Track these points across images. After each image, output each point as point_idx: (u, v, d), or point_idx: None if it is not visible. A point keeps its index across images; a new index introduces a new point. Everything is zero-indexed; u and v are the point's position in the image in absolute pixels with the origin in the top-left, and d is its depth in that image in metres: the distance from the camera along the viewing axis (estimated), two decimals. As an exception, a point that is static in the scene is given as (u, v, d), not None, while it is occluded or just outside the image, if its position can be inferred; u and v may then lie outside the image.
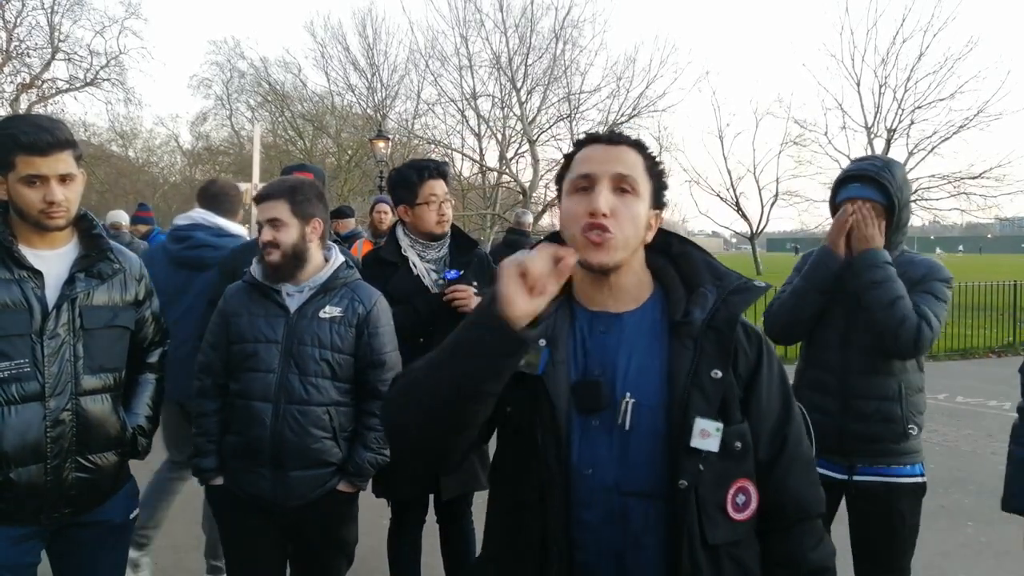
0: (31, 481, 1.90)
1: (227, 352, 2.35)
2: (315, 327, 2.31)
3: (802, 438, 1.38)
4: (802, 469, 1.37)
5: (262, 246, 2.33)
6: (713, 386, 1.27)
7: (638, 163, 1.33)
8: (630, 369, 1.30)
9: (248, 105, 32.64)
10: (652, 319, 1.34)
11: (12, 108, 23.34)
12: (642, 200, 1.31)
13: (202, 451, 2.36)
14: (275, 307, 2.33)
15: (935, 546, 4.03)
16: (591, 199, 1.28)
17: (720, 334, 1.30)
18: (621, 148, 1.33)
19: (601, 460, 1.27)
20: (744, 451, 1.30)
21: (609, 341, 1.32)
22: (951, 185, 24.51)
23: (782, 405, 1.36)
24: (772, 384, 1.36)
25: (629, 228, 1.29)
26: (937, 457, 5.59)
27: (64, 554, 2.08)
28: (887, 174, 2.35)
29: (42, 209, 1.90)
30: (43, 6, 24.55)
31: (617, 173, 1.29)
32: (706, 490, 1.26)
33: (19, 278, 1.92)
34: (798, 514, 1.36)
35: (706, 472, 1.25)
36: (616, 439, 1.27)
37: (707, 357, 1.29)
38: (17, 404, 1.88)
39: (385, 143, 19.60)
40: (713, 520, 1.26)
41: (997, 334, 11.29)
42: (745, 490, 1.31)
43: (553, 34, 27.84)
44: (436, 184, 2.84)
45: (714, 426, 1.25)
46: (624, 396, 1.28)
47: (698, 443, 1.24)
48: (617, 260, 1.29)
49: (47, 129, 1.88)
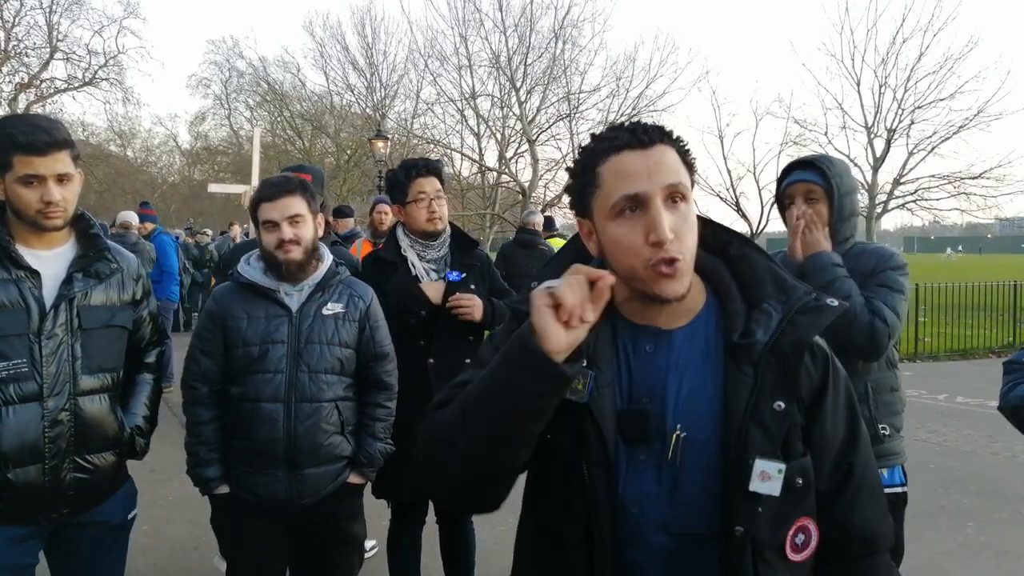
0: (29, 481, 1.90)
1: (224, 356, 2.32)
2: (321, 325, 2.31)
3: (869, 464, 1.23)
4: (868, 499, 1.22)
5: (280, 244, 2.26)
6: (775, 421, 1.13)
7: (676, 159, 1.14)
8: (681, 396, 1.15)
9: (247, 105, 32.64)
10: (706, 336, 1.18)
11: (10, 108, 23.33)
12: (691, 203, 1.14)
13: (204, 460, 2.32)
14: (276, 307, 2.31)
15: (935, 546, 4.03)
16: (651, 225, 1.09)
17: (785, 360, 1.14)
18: (659, 149, 1.12)
19: (649, 497, 1.15)
20: (806, 488, 1.16)
21: (657, 362, 1.17)
22: (951, 185, 24.48)
23: (848, 429, 1.22)
24: (838, 408, 1.21)
25: (692, 245, 1.13)
26: (937, 457, 5.59)
27: (62, 554, 2.08)
28: (825, 160, 2.34)
29: (39, 209, 1.89)
30: (41, 5, 24.57)
31: (668, 185, 1.10)
32: (764, 533, 1.13)
33: (16, 278, 1.91)
34: (864, 549, 1.22)
35: (764, 513, 1.12)
36: (665, 475, 1.14)
37: (768, 386, 1.13)
38: (15, 404, 1.88)
39: (384, 143, 19.59)
40: (770, 564, 1.14)
41: (997, 334, 11.29)
42: (806, 529, 1.18)
43: (553, 34, 27.82)
44: (425, 181, 2.83)
45: (776, 467, 1.11)
46: (675, 428, 1.14)
47: (757, 487, 1.11)
48: (688, 284, 1.14)
49: (44, 129, 1.87)
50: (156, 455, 2.27)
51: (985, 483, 5.00)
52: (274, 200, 2.28)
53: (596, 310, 1.03)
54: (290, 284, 2.33)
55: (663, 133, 1.16)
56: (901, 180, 24.82)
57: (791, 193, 2.36)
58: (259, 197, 2.33)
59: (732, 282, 1.22)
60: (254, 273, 2.35)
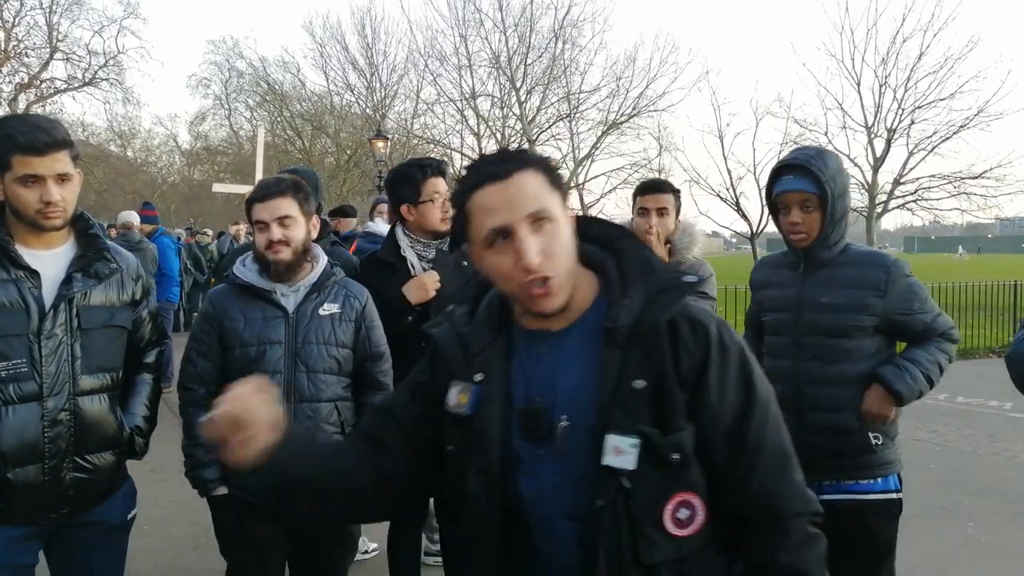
0: (29, 481, 1.90)
1: (221, 358, 2.32)
2: (318, 325, 2.32)
3: (766, 430, 1.23)
4: (770, 467, 1.22)
5: (269, 244, 2.27)
6: (633, 399, 1.17)
7: (539, 183, 1.20)
8: (568, 389, 1.22)
9: (247, 105, 32.63)
10: (592, 329, 1.24)
11: (10, 108, 23.34)
12: (560, 221, 1.20)
13: (201, 462, 2.32)
14: (272, 308, 2.31)
15: (935, 546, 4.03)
16: (519, 253, 1.16)
17: (645, 340, 1.19)
18: (516, 179, 1.18)
19: (550, 489, 1.22)
20: (683, 463, 1.19)
21: (548, 362, 1.25)
22: (951, 185, 24.48)
23: (741, 401, 1.22)
24: (725, 380, 1.22)
25: (564, 260, 1.20)
26: (937, 457, 5.59)
27: (62, 554, 2.08)
28: (819, 162, 2.24)
29: (39, 209, 1.89)
30: (41, 6, 24.58)
31: (529, 214, 1.17)
32: (638, 507, 1.17)
33: (16, 278, 1.91)
34: (768, 516, 1.23)
35: (637, 489, 1.16)
36: (557, 466, 1.21)
37: (631, 367, 1.19)
38: (15, 404, 1.88)
39: (384, 143, 19.61)
40: (650, 539, 1.17)
41: (997, 334, 11.28)
42: (688, 504, 1.19)
43: (553, 33, 27.84)
44: (438, 181, 2.84)
45: (628, 442, 1.16)
46: (560, 420, 1.21)
47: (611, 460, 1.16)
48: (566, 296, 1.22)
49: (44, 129, 1.87)
50: (156, 455, 2.27)
51: (985, 483, 4.99)
52: (265, 201, 2.30)
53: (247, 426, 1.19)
54: (285, 285, 2.33)
55: (522, 160, 1.21)
56: (901, 180, 24.81)
57: (785, 201, 2.30)
58: (251, 198, 2.36)
59: (616, 274, 1.28)
60: (249, 274, 2.35)
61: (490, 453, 1.23)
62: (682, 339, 1.21)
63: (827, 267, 2.31)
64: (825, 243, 2.28)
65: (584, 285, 1.27)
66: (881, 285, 2.24)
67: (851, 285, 2.26)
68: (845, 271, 2.29)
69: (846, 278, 2.28)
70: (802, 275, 2.35)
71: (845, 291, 2.26)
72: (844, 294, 2.26)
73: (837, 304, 2.26)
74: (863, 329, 2.26)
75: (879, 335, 2.30)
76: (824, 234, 2.26)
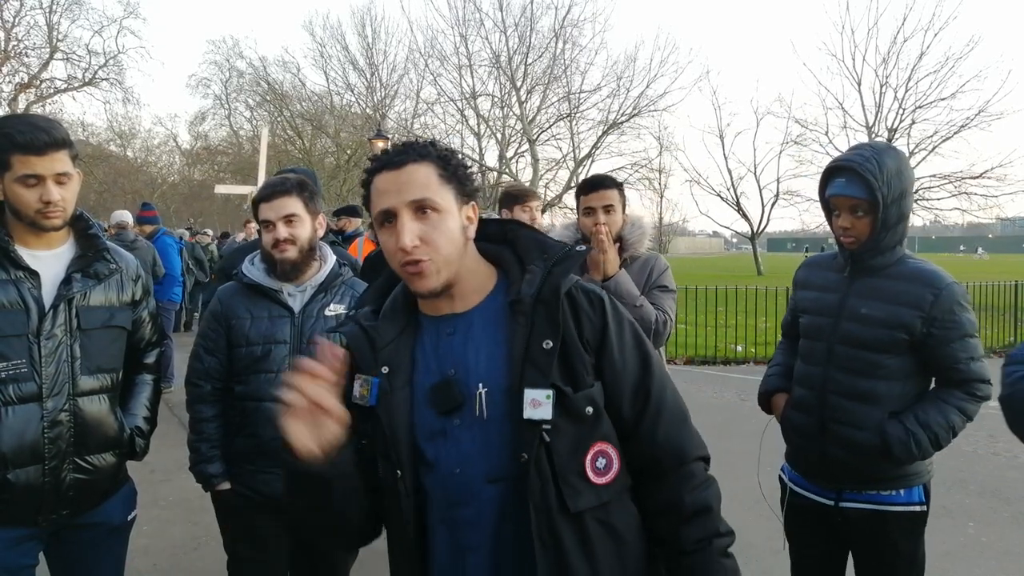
0: (29, 482, 1.90)
1: (228, 355, 2.34)
2: (323, 326, 2.33)
3: (665, 388, 1.38)
4: (670, 418, 1.37)
5: (275, 243, 2.29)
6: (544, 356, 1.28)
7: (430, 176, 1.30)
8: (480, 361, 1.31)
9: (247, 105, 32.68)
10: (496, 308, 1.35)
11: (10, 108, 23.34)
12: (448, 212, 1.30)
13: (206, 457, 2.34)
14: (278, 307, 2.33)
15: (935, 546, 4.01)
16: (398, 235, 1.27)
17: (548, 305, 1.31)
18: (407, 169, 1.30)
19: (467, 456, 1.29)
20: (597, 415, 1.31)
21: (457, 340, 1.34)
22: (952, 185, 24.53)
23: (639, 362, 1.37)
24: (624, 343, 1.36)
25: (444, 247, 1.29)
26: (938, 457, 5.58)
27: (62, 556, 2.08)
28: (872, 166, 2.08)
29: (38, 209, 1.89)
30: (41, 5, 24.61)
31: (411, 200, 1.28)
32: (561, 459, 1.27)
33: (16, 278, 1.91)
34: (674, 461, 1.36)
35: (557, 441, 1.26)
36: (478, 432, 1.29)
37: (538, 331, 1.29)
38: (15, 405, 1.87)
39: (384, 142, 19.58)
40: (573, 488, 1.27)
41: (997, 334, 11.27)
42: (604, 453, 1.32)
43: (553, 33, 27.87)
44: None
45: (544, 394, 1.26)
46: (477, 387, 1.30)
47: (530, 413, 1.25)
48: (444, 281, 1.30)
49: (43, 128, 1.87)
50: (156, 455, 2.27)
51: (986, 483, 4.99)
52: (270, 200, 2.32)
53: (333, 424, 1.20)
54: (292, 284, 2.34)
55: (419, 153, 1.32)
56: (901, 180, 24.74)
57: (837, 204, 2.18)
58: (258, 198, 2.38)
59: (513, 259, 1.41)
60: (257, 273, 2.37)
61: (397, 439, 1.31)
62: (581, 307, 1.35)
63: (875, 276, 2.18)
64: (875, 248, 2.15)
65: (484, 273, 1.39)
66: (925, 305, 2.09)
67: (894, 300, 2.13)
68: (893, 284, 2.15)
69: (892, 292, 2.14)
70: (847, 280, 2.23)
71: (887, 305, 2.13)
72: (885, 308, 2.13)
73: (876, 317, 2.14)
74: (899, 346, 2.13)
75: (914, 357, 2.16)
76: (874, 239, 2.13)
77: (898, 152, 2.21)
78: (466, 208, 1.34)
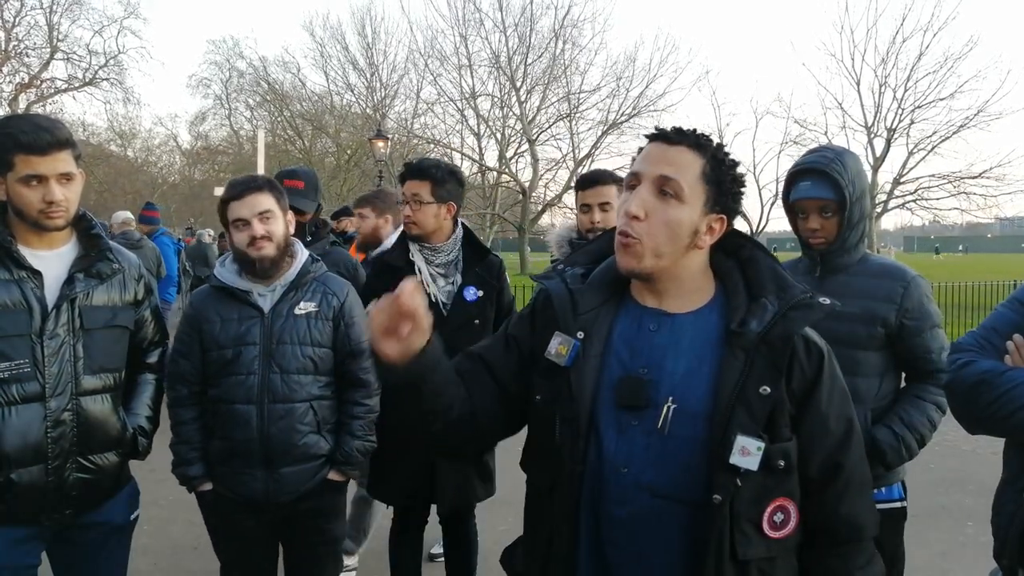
0: (32, 482, 1.90)
1: (201, 359, 2.32)
2: (292, 325, 2.30)
3: (860, 463, 1.34)
4: (857, 494, 1.32)
5: (252, 241, 2.25)
6: (760, 402, 1.23)
7: (693, 165, 1.27)
8: (677, 372, 1.28)
9: (247, 105, 32.69)
10: (708, 324, 1.31)
11: (11, 108, 23.34)
12: (687, 205, 1.26)
13: (186, 459, 2.34)
14: (248, 309, 2.30)
15: (935, 546, 4.03)
16: (629, 199, 1.27)
17: (774, 349, 1.25)
18: (679, 148, 1.28)
19: (637, 459, 1.26)
20: (787, 470, 1.27)
21: (658, 340, 1.30)
22: (951, 185, 24.51)
23: (842, 429, 1.31)
24: (831, 405, 1.30)
25: (662, 234, 1.26)
26: (937, 457, 5.59)
27: (65, 555, 2.08)
28: (838, 165, 2.15)
29: (41, 209, 1.89)
30: (42, 5, 24.63)
31: (661, 175, 1.26)
32: (742, 505, 1.24)
33: (18, 278, 1.91)
34: (851, 534, 1.33)
35: (744, 488, 1.23)
36: (655, 441, 1.26)
37: (757, 372, 1.24)
38: (18, 404, 1.88)
39: (384, 143, 19.63)
40: (746, 536, 1.24)
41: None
42: (784, 509, 1.27)
43: (553, 33, 27.90)
44: (409, 184, 2.79)
45: (755, 444, 1.22)
46: (667, 399, 1.26)
47: (737, 460, 1.21)
48: (646, 267, 1.28)
49: (46, 129, 1.87)
50: (157, 455, 2.27)
51: (985, 483, 4.99)
52: (242, 198, 2.27)
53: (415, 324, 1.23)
54: (263, 285, 2.32)
55: (698, 142, 1.29)
56: (901, 180, 24.82)
57: (803, 207, 2.23)
58: (226, 197, 2.32)
59: (740, 280, 1.35)
60: (228, 275, 2.34)
61: (581, 405, 1.28)
62: (797, 356, 1.29)
63: (843, 273, 2.24)
64: (842, 247, 2.22)
65: (705, 286, 1.35)
66: (897, 298, 2.18)
67: (867, 296, 2.19)
68: (861, 280, 2.22)
69: (862, 288, 2.20)
70: (818, 280, 2.26)
71: (860, 301, 2.18)
72: (859, 304, 2.17)
73: (851, 313, 2.14)
74: (876, 341, 2.19)
75: (888, 353, 2.23)
76: (841, 238, 2.21)
77: (855, 154, 2.32)
78: (711, 216, 1.30)
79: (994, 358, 1.67)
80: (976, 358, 1.68)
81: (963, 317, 11.31)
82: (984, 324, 1.76)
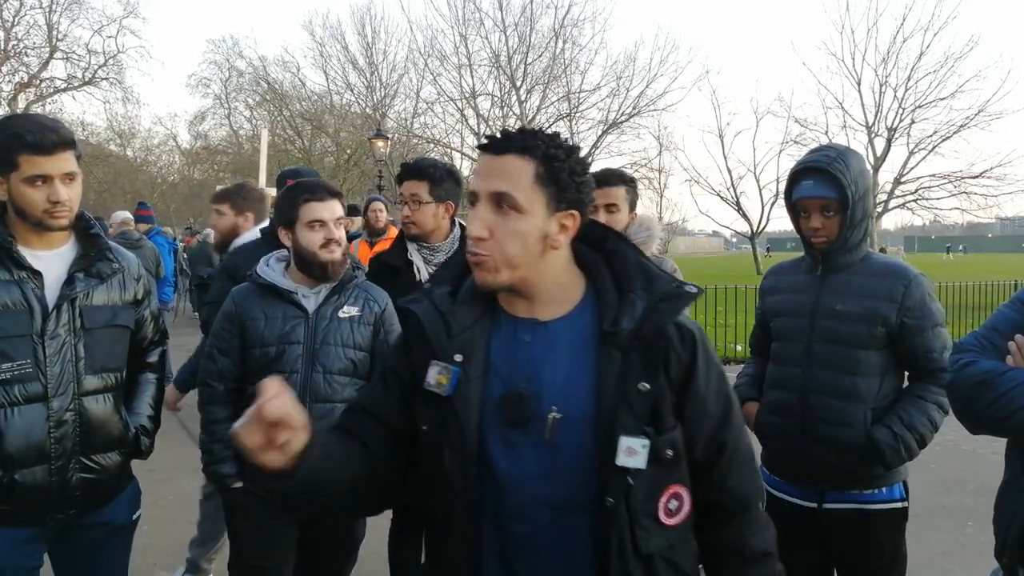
0: (36, 482, 1.90)
1: (241, 356, 2.34)
2: (336, 327, 2.34)
3: (740, 438, 1.35)
4: (740, 468, 1.35)
5: (326, 243, 2.29)
6: (640, 400, 1.24)
7: (525, 172, 1.24)
8: (556, 381, 1.26)
9: (247, 104, 32.61)
10: (582, 325, 1.30)
11: (10, 107, 23.34)
12: (527, 215, 1.24)
13: (219, 457, 2.35)
14: (292, 308, 2.33)
15: (935, 546, 4.04)
16: (470, 219, 1.26)
17: (648, 345, 1.26)
18: (507, 158, 1.25)
19: (529, 474, 1.25)
20: (676, 459, 1.28)
21: (535, 351, 1.28)
22: (952, 184, 24.54)
23: (721, 407, 1.33)
24: (709, 386, 1.31)
25: (511, 247, 1.24)
26: (937, 457, 5.59)
27: (66, 556, 2.08)
28: (841, 164, 2.13)
29: (46, 209, 1.89)
30: (41, 5, 24.61)
31: (494, 192, 1.24)
32: (638, 502, 1.24)
33: (19, 279, 1.91)
34: (739, 508, 1.35)
35: (637, 485, 1.23)
36: (544, 454, 1.25)
37: (635, 369, 1.24)
38: (20, 405, 1.88)
39: (384, 142, 19.61)
40: (646, 530, 1.25)
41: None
42: (678, 495, 1.29)
43: (553, 33, 27.87)
44: (407, 184, 2.80)
45: (640, 443, 1.22)
46: (550, 410, 1.25)
47: (624, 461, 1.22)
48: (503, 280, 1.26)
49: (51, 128, 1.87)
50: (157, 455, 2.27)
51: (985, 483, 4.99)
52: (324, 201, 2.33)
53: (287, 425, 1.14)
54: (307, 287, 2.35)
55: (524, 145, 1.26)
56: (902, 179, 24.84)
57: (805, 206, 2.22)
58: (307, 196, 2.34)
59: (608, 275, 1.33)
60: (273, 274, 2.37)
61: (468, 432, 1.26)
62: (672, 344, 1.29)
63: (845, 272, 2.23)
64: (844, 246, 2.20)
65: (572, 285, 1.33)
66: (898, 296, 2.16)
67: (868, 295, 2.18)
68: (863, 280, 2.20)
69: (864, 287, 2.19)
70: (819, 279, 2.26)
71: (861, 300, 2.18)
72: (860, 303, 2.17)
73: (852, 312, 2.18)
74: (877, 340, 2.17)
75: (890, 352, 2.21)
76: (843, 237, 2.19)
77: (858, 152, 2.30)
78: (559, 216, 1.27)
79: (995, 358, 1.67)
80: (977, 358, 1.68)
81: (964, 317, 11.31)
82: (986, 324, 1.76)
